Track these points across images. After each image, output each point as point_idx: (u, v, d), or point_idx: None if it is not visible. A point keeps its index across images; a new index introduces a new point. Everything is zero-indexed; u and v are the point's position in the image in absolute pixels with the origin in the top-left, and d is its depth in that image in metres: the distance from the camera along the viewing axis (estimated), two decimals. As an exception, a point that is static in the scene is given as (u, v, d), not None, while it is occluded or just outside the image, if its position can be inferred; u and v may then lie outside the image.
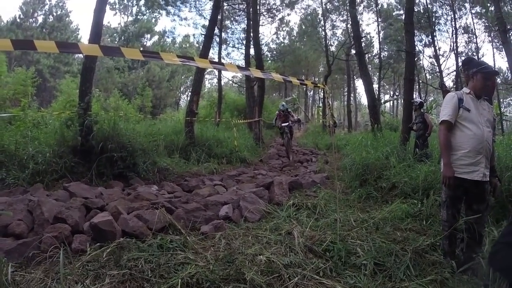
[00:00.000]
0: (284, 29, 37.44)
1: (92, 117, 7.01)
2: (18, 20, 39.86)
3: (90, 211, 4.12)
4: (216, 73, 24.55)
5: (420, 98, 28.36)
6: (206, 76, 41.58)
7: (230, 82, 38.16)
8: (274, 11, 30.43)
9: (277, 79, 4.16)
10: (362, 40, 15.95)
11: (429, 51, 32.15)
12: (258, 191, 5.42)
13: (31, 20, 41.15)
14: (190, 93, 13.55)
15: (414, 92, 15.54)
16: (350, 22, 25.49)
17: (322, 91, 32.40)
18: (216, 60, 21.19)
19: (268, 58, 32.30)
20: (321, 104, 43.35)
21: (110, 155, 6.58)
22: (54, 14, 42.74)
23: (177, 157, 8.55)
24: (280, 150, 14.50)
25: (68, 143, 6.72)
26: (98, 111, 7.72)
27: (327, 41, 30.95)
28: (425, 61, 31.16)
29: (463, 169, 3.18)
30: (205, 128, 11.95)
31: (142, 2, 39.91)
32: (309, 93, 54.99)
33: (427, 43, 29.03)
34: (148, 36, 42.97)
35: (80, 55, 43.42)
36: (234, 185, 6.69)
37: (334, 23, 33.35)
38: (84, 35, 48.77)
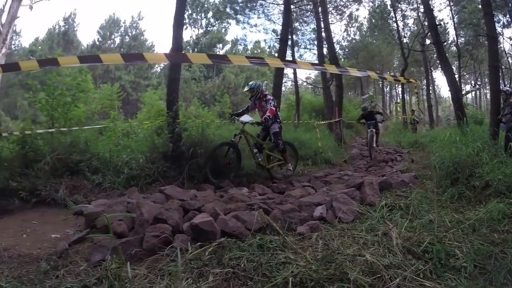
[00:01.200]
0: (353, 25, 36.73)
1: (181, 124, 7.35)
2: (97, 42, 42.98)
3: (188, 213, 4.22)
4: (291, 75, 24.47)
5: (505, 85, 25.97)
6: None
7: (305, 83, 37.82)
8: (342, 7, 29.92)
9: (355, 75, 3.96)
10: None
11: (508, 32, 28.99)
12: (350, 191, 5.26)
13: (109, 41, 44.05)
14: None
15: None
16: (422, 10, 24.24)
17: (402, 86, 31.19)
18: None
19: (341, 56, 31.56)
20: (399, 100, 41.78)
21: (200, 160, 6.79)
22: (130, 34, 45.56)
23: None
24: (363, 150, 14.15)
25: (159, 150, 7.07)
26: (185, 119, 7.99)
27: (400, 33, 29.35)
28: (506, 44, 28.58)
29: None
30: (286, 130, 11.87)
31: (210, 15, 41.43)
32: (385, 89, 53.20)
33: (505, 23, 26.77)
34: (220, 45, 44.25)
35: (158, 69, 45.89)
36: (322, 186, 6.59)
37: (405, 13, 31.32)
38: (159, 50, 51.18)
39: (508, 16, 24.11)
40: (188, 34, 44.46)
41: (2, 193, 5.28)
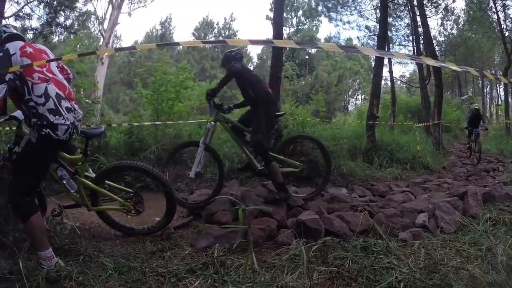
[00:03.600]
0: (450, 18, 34.35)
1: (282, 121, 7.46)
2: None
3: (292, 209, 4.40)
4: (386, 73, 23.60)
5: None
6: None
7: (398, 82, 36.38)
8: (438, 0, 28.12)
9: (454, 68, 3.72)
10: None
11: None
12: (452, 201, 5.06)
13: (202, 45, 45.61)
14: (363, 96, 13.36)
15: None
16: None
17: (505, 86, 28.55)
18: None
19: (437, 53, 29.66)
20: (500, 102, 38.52)
21: (299, 157, 6.82)
22: (223, 34, 46.86)
23: (360, 161, 8.51)
24: (461, 157, 13.44)
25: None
26: (286, 117, 8.14)
27: (501, 25, 25.06)
28: None
29: None
30: (383, 131, 11.65)
31: (300, 13, 41.29)
32: (485, 90, 49.22)
33: None
34: (312, 43, 43.94)
35: (251, 67, 46.74)
36: (421, 192, 6.43)
37: (505, 1, 27.56)
38: (252, 49, 52.16)
39: None
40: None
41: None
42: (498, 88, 45.08)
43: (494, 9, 24.82)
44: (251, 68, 46.08)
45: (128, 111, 29.59)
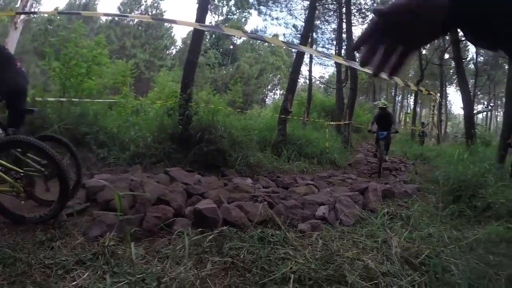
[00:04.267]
0: (375, 29, 36.51)
1: (192, 108, 7.30)
2: (116, 18, 42.63)
3: (191, 197, 4.23)
4: (306, 72, 24.34)
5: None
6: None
7: (317, 82, 37.76)
8: (366, 11, 29.78)
9: (381, 77, 3.85)
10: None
11: None
12: (353, 195, 5.23)
13: (128, 19, 43.83)
14: (282, 91, 13.67)
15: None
16: None
17: (415, 97, 31.16)
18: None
19: (357, 60, 31.40)
20: (409, 111, 41.65)
21: (207, 145, 6.74)
22: (150, 13, 45.30)
23: (269, 153, 8.55)
24: (368, 156, 14.07)
25: (167, 130, 7.08)
26: (197, 103, 7.95)
27: None
28: None
29: None
30: (295, 126, 11.84)
31: (232, 2, 41.37)
32: (397, 98, 52.95)
33: None
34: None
35: (173, 51, 45.97)
36: (325, 186, 6.57)
37: None
38: (177, 33, 51.14)
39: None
40: (208, 19, 44.27)
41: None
42: (408, 98, 48.62)
43: None
44: (173, 52, 45.32)
45: (37, 85, 27.55)
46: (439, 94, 25.94)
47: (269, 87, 48.14)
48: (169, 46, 44.99)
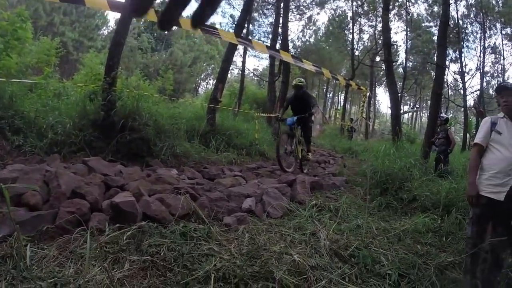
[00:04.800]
0: (311, 27, 37.20)
1: (116, 92, 6.90)
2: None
3: (110, 189, 3.97)
4: (239, 63, 24.43)
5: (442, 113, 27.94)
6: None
7: (251, 74, 37.95)
8: (304, 8, 30.42)
9: (308, 68, 3.84)
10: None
11: (454, 67, 31.66)
12: (281, 187, 5.24)
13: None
14: (215, 81, 13.51)
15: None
16: (379, 28, 25.82)
17: (345, 94, 32.28)
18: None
19: (292, 54, 32.04)
20: (339, 107, 43.06)
21: (130, 133, 6.42)
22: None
23: (197, 143, 8.35)
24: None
25: (89, 117, 6.63)
26: (122, 88, 7.54)
27: (354, 45, 30.86)
28: (450, 76, 30.55)
29: (490, 189, 3.25)
30: (225, 117, 11.72)
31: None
32: (328, 95, 54.50)
33: (454, 58, 28.72)
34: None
35: (105, 31, 43.95)
36: (253, 178, 6.53)
37: (363, 27, 33.23)
38: (111, 12, 48.99)
39: (457, 52, 25.92)
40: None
41: None
42: (339, 95, 50.28)
43: (351, 30, 29.04)
44: (105, 33, 43.32)
45: None
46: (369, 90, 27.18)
47: (202, 76, 47.61)
48: (101, 26, 42.78)
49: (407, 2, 28.38)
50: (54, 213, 3.10)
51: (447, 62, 28.04)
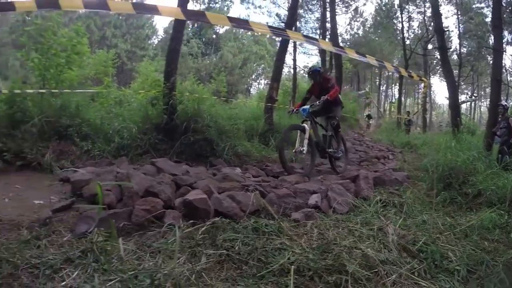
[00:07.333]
0: (358, 19, 36.65)
1: (177, 97, 7.15)
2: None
3: (180, 188, 4.08)
4: (290, 61, 24.34)
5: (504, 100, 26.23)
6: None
7: (302, 71, 37.92)
8: (349, 0, 29.90)
9: (372, 63, 3.82)
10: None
11: (511, 49, 29.47)
12: (345, 183, 5.18)
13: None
14: (266, 80, 13.55)
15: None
16: (429, 14, 24.61)
17: (400, 86, 31.34)
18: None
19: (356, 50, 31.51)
20: (393, 100, 41.96)
21: (193, 135, 6.63)
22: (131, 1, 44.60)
23: (257, 142, 8.46)
24: (355, 144, 14.02)
25: (152, 121, 6.93)
26: (181, 93, 7.78)
27: (404, 34, 29.72)
28: (507, 60, 28.51)
29: None
30: (282, 115, 11.71)
31: (215, -10, 41.00)
32: (382, 88, 53.23)
33: (510, 40, 26.61)
34: (221, 23, 43.76)
35: (155, 41, 45.39)
36: (315, 174, 6.49)
37: (411, 14, 31.57)
38: (159, 22, 50.43)
39: (513, 33, 24.20)
40: (190, 7, 43.57)
41: (-15, 154, 5.02)
42: (393, 87, 48.89)
43: (400, 19, 27.92)
44: (155, 42, 44.81)
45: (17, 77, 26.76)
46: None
47: (253, 76, 48.03)
48: (151, 36, 44.45)
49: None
50: (129, 211, 3.22)
51: (504, 45, 26.54)
